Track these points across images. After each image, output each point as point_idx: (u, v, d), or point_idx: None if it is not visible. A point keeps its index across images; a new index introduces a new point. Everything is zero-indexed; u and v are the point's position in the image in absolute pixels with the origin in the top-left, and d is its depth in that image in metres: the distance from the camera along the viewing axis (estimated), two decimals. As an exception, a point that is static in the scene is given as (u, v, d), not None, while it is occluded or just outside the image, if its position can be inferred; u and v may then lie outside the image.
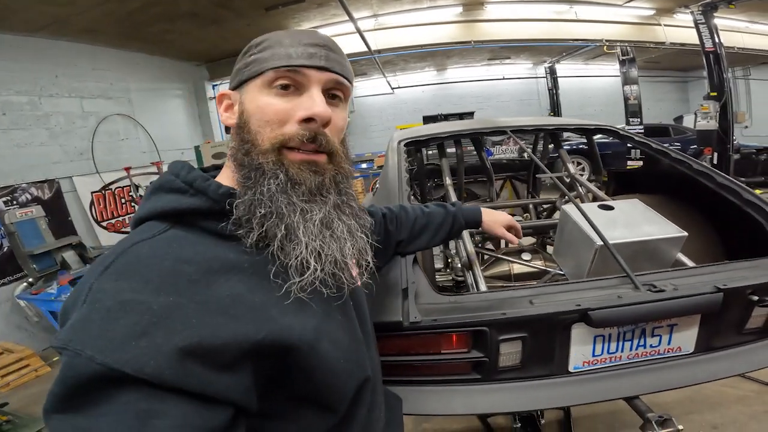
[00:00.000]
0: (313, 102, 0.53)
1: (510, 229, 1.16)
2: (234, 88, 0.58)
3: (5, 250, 3.76)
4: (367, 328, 0.68)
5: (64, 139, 4.69)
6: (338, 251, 0.54)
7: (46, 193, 4.34)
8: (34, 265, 3.59)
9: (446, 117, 9.49)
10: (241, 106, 0.56)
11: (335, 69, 0.56)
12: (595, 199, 1.84)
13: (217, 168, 0.62)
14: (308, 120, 0.53)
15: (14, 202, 3.96)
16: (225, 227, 0.51)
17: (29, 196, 4.13)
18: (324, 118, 0.54)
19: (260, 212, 0.50)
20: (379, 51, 6.91)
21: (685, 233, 1.16)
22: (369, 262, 0.60)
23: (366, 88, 11.09)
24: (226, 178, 0.57)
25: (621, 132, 1.89)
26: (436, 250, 2.26)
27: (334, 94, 0.58)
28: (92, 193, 4.89)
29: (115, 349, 0.37)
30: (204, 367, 0.40)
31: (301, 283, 0.50)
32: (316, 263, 0.51)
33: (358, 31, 5.49)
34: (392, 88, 10.61)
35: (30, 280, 3.63)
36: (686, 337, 1.02)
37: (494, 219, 1.14)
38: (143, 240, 0.47)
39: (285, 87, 0.54)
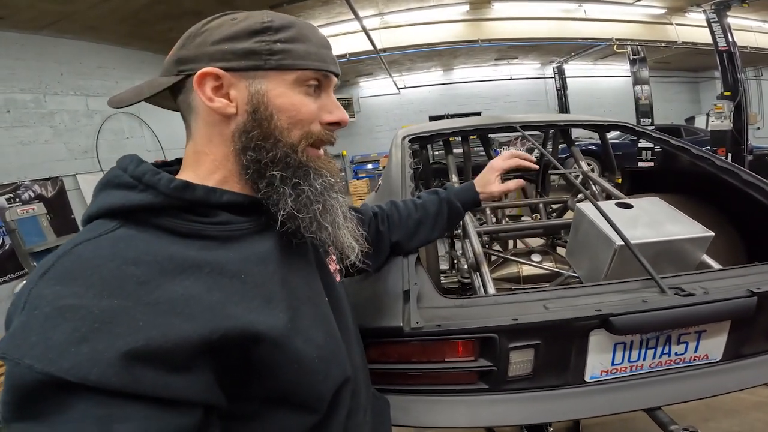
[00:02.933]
0: (337, 107, 0.57)
1: (511, 174, 1.07)
2: (232, 70, 0.50)
3: (7, 247, 3.75)
4: (347, 326, 0.65)
5: (69, 137, 4.69)
6: (356, 229, 0.62)
7: (50, 190, 4.33)
8: (35, 263, 3.57)
9: (453, 117, 9.41)
10: (259, 98, 0.51)
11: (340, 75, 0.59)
12: (609, 198, 1.75)
13: (181, 162, 0.57)
14: (333, 123, 0.57)
15: (17, 200, 3.95)
16: (181, 225, 0.47)
17: (32, 194, 4.13)
18: (346, 124, 0.58)
19: (318, 208, 0.54)
20: (384, 50, 6.87)
21: (712, 233, 1.07)
22: (364, 234, 0.65)
23: (372, 88, 11.03)
24: (195, 174, 0.53)
25: (637, 128, 1.80)
26: (442, 251, 2.19)
27: None
28: (96, 191, 4.87)
29: (55, 358, 0.35)
30: (156, 370, 0.38)
31: (356, 259, 0.61)
32: (356, 242, 0.60)
33: (364, 30, 5.45)
34: (398, 88, 10.55)
35: (30, 278, 3.61)
36: (714, 344, 0.95)
37: (487, 180, 1.02)
38: (87, 240, 0.43)
39: (314, 87, 0.55)
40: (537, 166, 1.03)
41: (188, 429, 0.40)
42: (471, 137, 2.04)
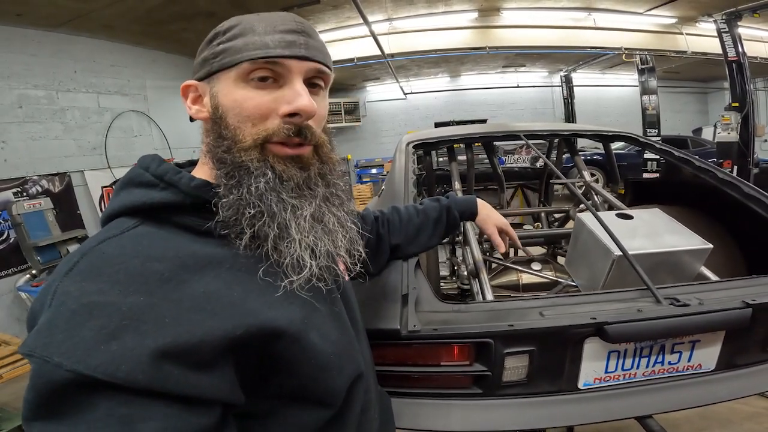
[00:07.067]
0: (297, 95, 0.51)
1: (502, 234, 1.07)
2: (201, 79, 0.54)
3: (12, 241, 3.79)
4: (357, 323, 0.66)
5: (79, 134, 4.74)
6: (331, 244, 0.53)
7: (57, 186, 4.37)
8: (39, 257, 3.60)
9: (458, 124, 9.42)
10: (214, 100, 0.52)
11: (317, 58, 0.53)
12: (611, 208, 1.76)
13: (193, 163, 0.60)
14: (292, 114, 0.51)
15: (24, 194, 4.00)
16: (201, 223, 0.48)
17: (40, 188, 4.17)
18: (309, 113, 0.52)
19: (249, 213, 0.48)
20: (392, 55, 6.89)
21: (710, 245, 1.08)
22: (360, 252, 0.60)
23: (378, 92, 11.06)
24: (203, 172, 0.55)
25: (641, 139, 1.80)
26: (442, 257, 2.20)
27: (315, 82, 0.55)
28: (103, 187, 4.92)
29: (83, 355, 0.35)
30: (182, 368, 0.38)
31: (299, 281, 0.50)
32: (311, 259, 0.51)
33: (372, 35, 5.48)
34: (405, 94, 10.58)
35: (33, 272, 3.64)
36: (708, 354, 0.96)
37: (488, 214, 1.06)
38: (109, 238, 0.44)
39: (263, 79, 0.51)
40: (503, 248, 1.07)
41: (208, 428, 0.40)
42: (475, 144, 2.06)
